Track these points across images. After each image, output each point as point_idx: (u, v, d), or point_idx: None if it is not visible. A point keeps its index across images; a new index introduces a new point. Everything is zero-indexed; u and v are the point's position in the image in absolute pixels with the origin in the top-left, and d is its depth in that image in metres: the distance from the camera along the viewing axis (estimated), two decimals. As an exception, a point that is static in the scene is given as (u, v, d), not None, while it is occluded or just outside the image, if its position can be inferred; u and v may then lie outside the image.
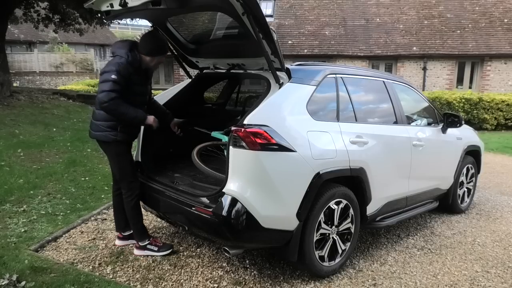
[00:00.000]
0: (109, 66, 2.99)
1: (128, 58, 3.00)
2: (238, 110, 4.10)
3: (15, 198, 4.31)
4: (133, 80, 3.05)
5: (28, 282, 2.69)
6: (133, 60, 3.03)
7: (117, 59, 3.00)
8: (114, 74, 2.91)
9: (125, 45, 3.09)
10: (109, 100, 2.88)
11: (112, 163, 3.28)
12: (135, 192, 3.24)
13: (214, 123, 3.68)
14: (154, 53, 3.12)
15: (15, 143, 6.32)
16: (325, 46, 15.32)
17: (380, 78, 3.82)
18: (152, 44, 3.13)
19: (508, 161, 8.13)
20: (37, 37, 24.01)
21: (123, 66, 2.96)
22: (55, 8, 11.22)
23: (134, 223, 3.30)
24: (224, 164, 2.68)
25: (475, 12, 15.96)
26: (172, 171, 3.44)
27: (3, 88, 9.68)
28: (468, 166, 4.80)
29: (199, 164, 3.12)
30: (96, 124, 3.12)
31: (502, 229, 4.28)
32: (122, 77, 2.94)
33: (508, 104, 12.11)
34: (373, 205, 3.35)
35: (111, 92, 2.89)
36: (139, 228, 3.32)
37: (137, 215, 3.31)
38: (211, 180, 3.10)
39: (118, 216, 3.43)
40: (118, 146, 3.14)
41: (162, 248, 3.33)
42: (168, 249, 3.35)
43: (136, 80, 3.09)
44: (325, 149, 2.89)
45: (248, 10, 2.43)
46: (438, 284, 3.08)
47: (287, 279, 3.07)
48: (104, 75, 2.97)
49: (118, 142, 3.12)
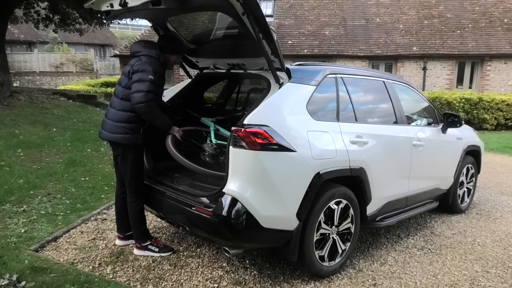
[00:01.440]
0: (142, 65, 2.90)
1: (159, 59, 2.98)
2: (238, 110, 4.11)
3: (15, 198, 4.31)
4: (163, 77, 3.06)
5: (28, 282, 2.69)
6: (164, 61, 3.03)
7: (150, 59, 2.94)
8: (151, 75, 2.85)
9: (152, 45, 3.06)
10: (147, 101, 2.82)
11: (125, 166, 3.13)
12: (142, 197, 3.21)
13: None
14: (176, 51, 3.15)
15: (15, 143, 6.32)
16: (325, 46, 15.32)
17: (380, 78, 3.82)
18: (174, 43, 3.17)
19: (508, 161, 8.13)
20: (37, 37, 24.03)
21: (158, 66, 2.93)
22: (55, 8, 11.22)
23: (138, 226, 3.27)
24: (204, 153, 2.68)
25: (475, 12, 15.96)
26: (172, 171, 3.44)
27: (3, 88, 9.68)
28: (468, 166, 4.80)
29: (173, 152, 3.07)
30: (115, 125, 3.00)
31: (502, 229, 4.29)
32: (158, 77, 2.91)
33: (508, 104, 12.11)
34: (373, 205, 3.35)
35: (149, 93, 2.83)
36: (143, 231, 3.31)
37: (142, 219, 3.29)
38: (210, 180, 3.10)
39: (121, 220, 3.40)
40: (138, 149, 3.10)
41: (163, 249, 3.33)
42: (169, 251, 3.34)
43: (163, 77, 3.08)
44: (325, 149, 2.89)
45: (248, 10, 2.43)
46: (438, 284, 3.08)
47: (287, 279, 3.07)
48: (139, 74, 2.88)
49: (139, 146, 3.08)
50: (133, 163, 3.11)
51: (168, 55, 3.12)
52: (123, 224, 3.40)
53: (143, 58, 2.97)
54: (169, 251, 3.35)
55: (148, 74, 2.86)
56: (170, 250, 3.37)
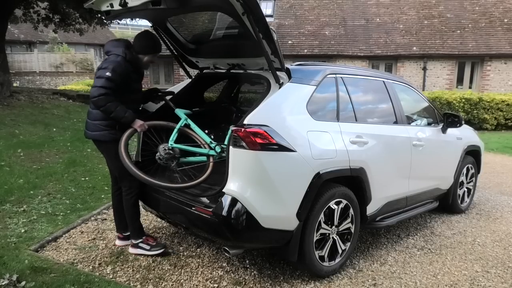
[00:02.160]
0: (105, 63, 3.01)
1: (125, 56, 3.04)
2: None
3: (15, 198, 4.31)
4: (131, 78, 3.09)
5: (28, 282, 2.69)
6: (131, 58, 3.07)
7: (113, 57, 3.02)
8: (109, 72, 2.93)
9: (120, 44, 3.12)
10: (98, 95, 2.90)
11: (111, 163, 3.27)
12: (135, 190, 3.24)
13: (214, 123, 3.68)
14: (148, 51, 3.16)
15: (15, 143, 6.32)
16: (325, 46, 15.32)
17: (380, 78, 3.82)
18: (146, 43, 3.17)
19: (508, 161, 8.14)
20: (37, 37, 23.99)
21: (120, 64, 2.99)
22: (55, 8, 11.22)
23: (132, 221, 3.31)
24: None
25: (475, 12, 15.97)
26: (171, 171, 3.43)
27: (3, 88, 9.68)
28: (468, 166, 4.80)
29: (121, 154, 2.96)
30: (93, 123, 3.12)
31: (502, 229, 4.29)
32: (118, 75, 2.97)
33: (508, 104, 12.11)
34: (373, 205, 3.35)
35: (101, 88, 2.91)
36: (136, 227, 3.33)
37: (136, 213, 3.32)
38: (210, 180, 3.10)
39: (119, 217, 3.42)
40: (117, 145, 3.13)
41: (154, 247, 3.33)
42: (161, 248, 3.34)
43: (134, 78, 3.14)
44: (325, 149, 2.89)
45: (248, 10, 2.43)
46: (438, 284, 3.08)
47: (287, 279, 3.07)
48: (99, 71, 2.99)
49: (117, 141, 3.11)
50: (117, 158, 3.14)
51: (140, 55, 3.16)
52: (121, 222, 3.41)
53: (110, 56, 3.06)
54: (161, 248, 3.35)
55: (106, 71, 2.94)
56: (162, 247, 3.36)
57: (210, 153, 3.21)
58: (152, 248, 3.31)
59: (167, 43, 3.59)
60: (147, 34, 3.28)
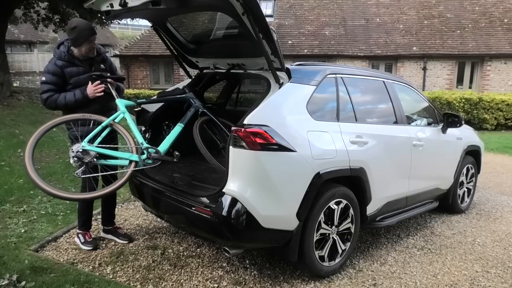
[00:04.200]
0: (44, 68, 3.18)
1: (55, 55, 3.16)
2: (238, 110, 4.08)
3: (15, 198, 4.31)
4: (71, 72, 3.15)
5: (28, 282, 2.69)
6: (60, 55, 3.15)
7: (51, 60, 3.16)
8: (43, 76, 3.10)
9: (58, 45, 3.24)
10: (44, 101, 3.12)
11: None
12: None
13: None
14: (77, 43, 3.15)
15: (15, 143, 6.32)
16: (325, 46, 15.32)
17: (380, 78, 3.82)
18: (71, 37, 3.16)
19: (508, 161, 8.13)
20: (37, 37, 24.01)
21: (51, 65, 3.12)
22: (55, 8, 11.23)
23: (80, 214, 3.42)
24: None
25: (475, 12, 15.97)
26: (171, 171, 3.44)
27: (3, 88, 9.69)
28: (468, 166, 4.80)
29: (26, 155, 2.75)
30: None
31: (502, 229, 4.28)
32: (53, 75, 3.10)
33: (508, 104, 12.11)
34: (373, 205, 3.35)
35: (43, 93, 3.11)
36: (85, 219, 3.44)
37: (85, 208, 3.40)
38: (210, 180, 3.10)
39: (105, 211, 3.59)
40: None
41: (86, 243, 3.39)
42: (91, 247, 3.36)
43: (75, 71, 3.17)
44: (325, 149, 2.89)
45: (248, 10, 2.43)
46: (438, 284, 3.08)
47: (287, 279, 3.07)
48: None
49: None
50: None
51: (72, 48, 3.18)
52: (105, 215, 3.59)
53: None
54: (92, 247, 3.36)
55: (42, 76, 3.14)
56: (94, 247, 3.37)
57: (132, 158, 2.89)
58: (84, 244, 3.39)
59: (167, 43, 3.59)
60: (70, 26, 3.15)
